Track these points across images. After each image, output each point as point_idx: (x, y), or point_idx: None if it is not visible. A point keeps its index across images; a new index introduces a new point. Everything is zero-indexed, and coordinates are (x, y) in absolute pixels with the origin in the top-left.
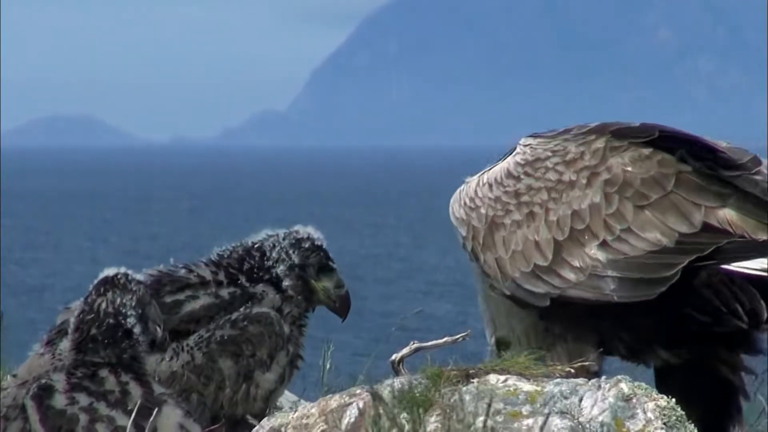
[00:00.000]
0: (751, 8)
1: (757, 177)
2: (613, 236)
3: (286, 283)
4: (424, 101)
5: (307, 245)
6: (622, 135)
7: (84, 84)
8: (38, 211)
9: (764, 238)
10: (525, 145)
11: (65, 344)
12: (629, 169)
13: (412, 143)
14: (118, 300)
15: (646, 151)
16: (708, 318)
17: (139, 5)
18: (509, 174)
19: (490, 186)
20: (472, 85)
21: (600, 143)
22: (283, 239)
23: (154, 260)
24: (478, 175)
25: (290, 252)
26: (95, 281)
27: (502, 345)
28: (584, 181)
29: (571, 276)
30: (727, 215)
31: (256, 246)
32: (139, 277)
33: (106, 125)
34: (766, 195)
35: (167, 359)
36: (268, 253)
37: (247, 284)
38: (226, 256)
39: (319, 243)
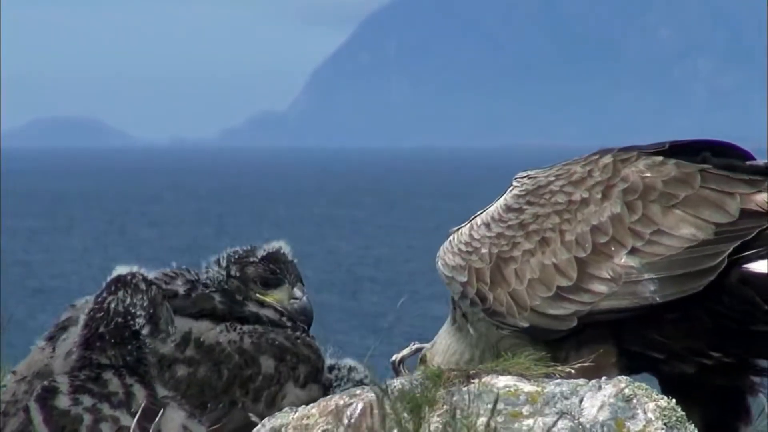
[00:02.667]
0: (751, 8)
1: None
2: (643, 241)
3: (217, 299)
4: (423, 101)
5: (251, 259)
6: (630, 149)
7: (84, 85)
8: (38, 212)
9: None
10: (521, 178)
11: (67, 338)
12: (647, 174)
13: (412, 143)
14: (128, 300)
15: (659, 158)
16: (748, 318)
17: (139, 6)
18: (508, 208)
19: (488, 225)
20: (472, 86)
21: (607, 159)
22: (224, 258)
23: (155, 261)
24: (466, 223)
25: (230, 267)
26: (108, 279)
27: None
28: (599, 196)
29: (602, 288)
30: (766, 198)
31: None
32: (152, 276)
33: (106, 126)
34: None
35: (218, 330)
36: (205, 270)
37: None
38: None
39: (262, 254)
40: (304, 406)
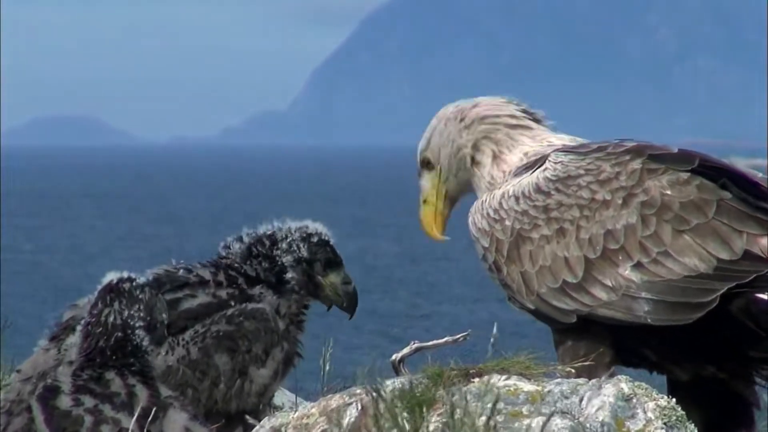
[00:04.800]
0: (751, 8)
1: None
2: (649, 258)
3: (290, 275)
4: (424, 101)
5: (315, 240)
6: (660, 160)
7: (84, 84)
8: (38, 211)
9: None
10: (556, 161)
11: (72, 339)
12: (668, 192)
13: (412, 143)
14: (126, 312)
15: (684, 175)
16: (746, 343)
17: (139, 5)
18: (538, 189)
19: (517, 199)
20: (472, 85)
21: (636, 164)
22: (294, 231)
23: (155, 261)
24: (499, 186)
25: (300, 245)
26: (99, 287)
27: (426, 164)
28: (619, 202)
29: (602, 295)
30: None
31: (268, 234)
32: (142, 279)
33: (106, 125)
34: None
35: (163, 353)
36: (278, 243)
37: (246, 286)
38: (232, 249)
39: (327, 238)
40: (303, 405)
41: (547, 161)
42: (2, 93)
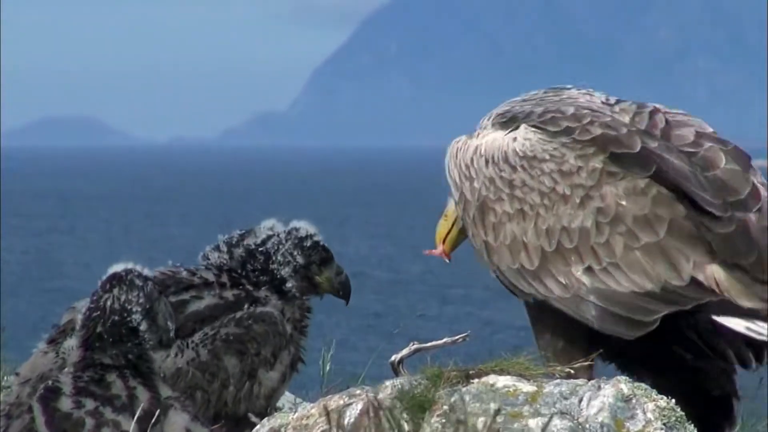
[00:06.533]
0: (751, 8)
1: (753, 216)
2: (600, 266)
3: (289, 284)
4: (424, 101)
5: (308, 244)
6: (621, 161)
7: (83, 84)
8: (38, 211)
9: (748, 305)
10: (525, 137)
11: (69, 343)
12: (623, 203)
13: (412, 143)
14: (124, 297)
15: (642, 183)
16: (692, 357)
17: (140, 5)
18: (506, 159)
19: (487, 162)
20: (472, 85)
21: (597, 163)
22: (286, 240)
23: (155, 261)
24: (476, 134)
25: (294, 253)
26: (103, 278)
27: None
28: (577, 201)
29: (556, 289)
30: (716, 274)
31: (260, 249)
32: (147, 272)
33: (106, 125)
34: (758, 249)
35: (172, 356)
36: (273, 257)
37: (251, 288)
38: (226, 258)
39: (317, 239)
40: (303, 405)
41: (519, 129)
42: (2, 93)
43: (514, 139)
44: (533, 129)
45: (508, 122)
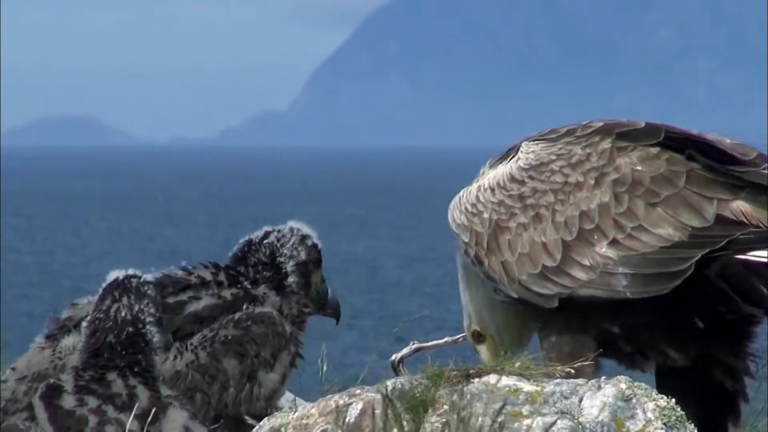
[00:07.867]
0: (751, 8)
1: (766, 171)
2: (624, 234)
3: (291, 279)
4: (423, 101)
5: (310, 242)
6: (629, 137)
7: (83, 84)
8: (38, 211)
9: None
10: (528, 151)
11: (67, 341)
12: (638, 168)
13: (412, 143)
14: (136, 307)
15: (654, 150)
16: (723, 306)
17: (140, 5)
18: (512, 178)
19: (493, 190)
20: (472, 85)
21: (606, 144)
22: (290, 235)
23: (156, 261)
24: (476, 180)
25: (299, 248)
26: (105, 284)
27: (477, 337)
28: (592, 182)
29: (581, 275)
30: (741, 207)
31: (265, 242)
32: (148, 277)
33: (105, 125)
34: None
35: (171, 358)
36: (279, 250)
37: (249, 286)
38: (237, 253)
39: (315, 240)
40: (303, 405)
41: (519, 151)
42: (2, 92)
43: (517, 159)
44: (534, 142)
45: (505, 155)
